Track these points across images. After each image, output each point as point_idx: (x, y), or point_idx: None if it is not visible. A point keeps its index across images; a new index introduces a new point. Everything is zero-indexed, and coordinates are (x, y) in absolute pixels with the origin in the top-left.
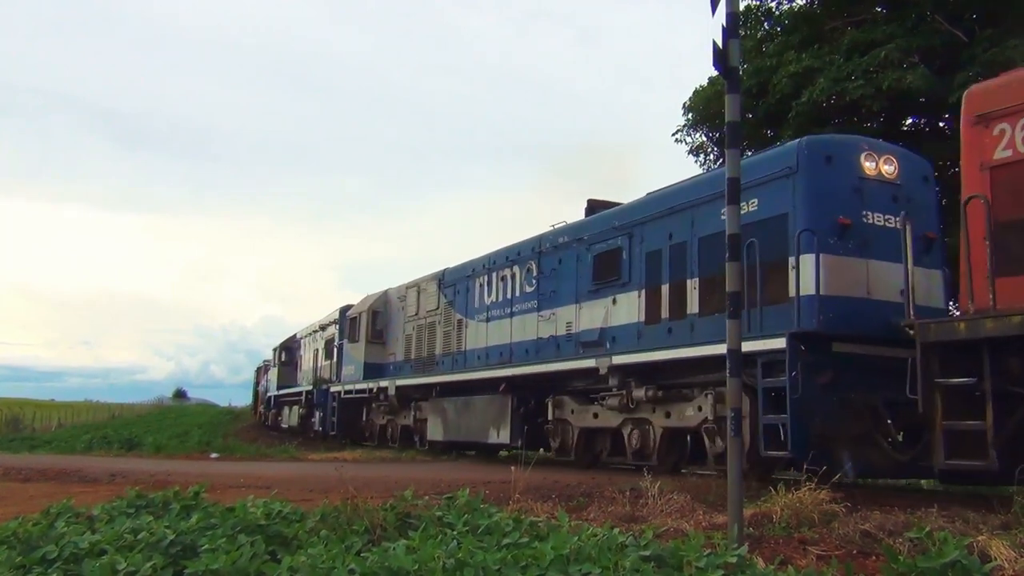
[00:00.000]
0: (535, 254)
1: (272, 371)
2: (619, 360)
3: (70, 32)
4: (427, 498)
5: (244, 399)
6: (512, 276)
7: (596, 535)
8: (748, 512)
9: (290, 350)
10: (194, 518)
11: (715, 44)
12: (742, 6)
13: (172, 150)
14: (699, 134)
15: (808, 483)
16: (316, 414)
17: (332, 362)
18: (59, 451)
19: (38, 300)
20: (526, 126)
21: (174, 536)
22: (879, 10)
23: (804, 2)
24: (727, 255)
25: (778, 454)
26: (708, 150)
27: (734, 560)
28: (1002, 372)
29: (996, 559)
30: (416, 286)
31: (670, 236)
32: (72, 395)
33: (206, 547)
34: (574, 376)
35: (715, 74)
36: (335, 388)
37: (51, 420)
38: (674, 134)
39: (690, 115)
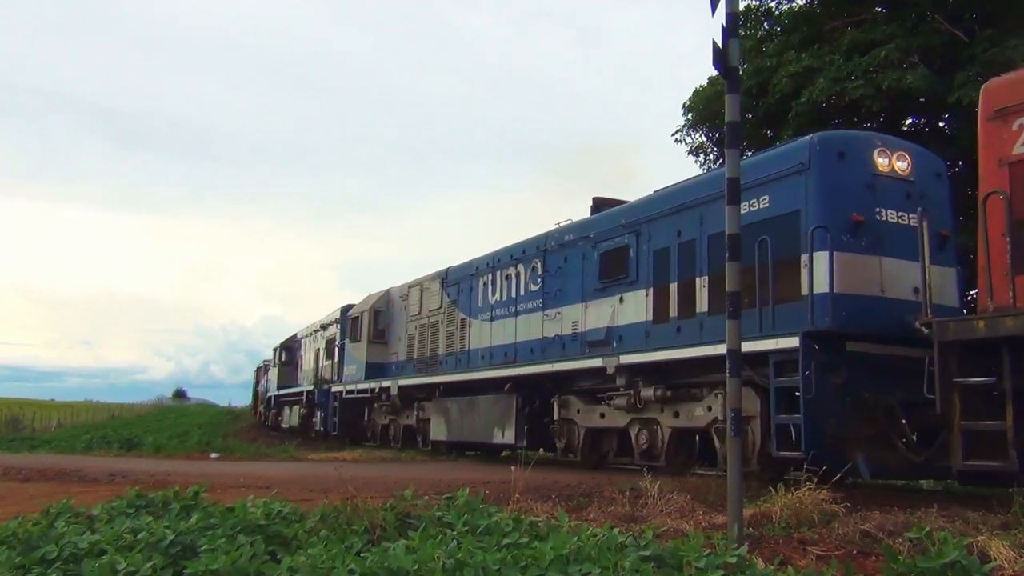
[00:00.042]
0: (540, 252)
1: (272, 371)
2: (627, 359)
3: (70, 32)
4: (427, 498)
5: (244, 399)
6: (517, 275)
7: (596, 535)
8: (748, 512)
9: (290, 350)
10: (194, 518)
11: (715, 44)
12: (742, 6)
13: (172, 150)
14: (699, 134)
15: (808, 483)
16: (317, 414)
17: (333, 362)
18: (59, 451)
19: (38, 300)
20: (526, 126)
21: (174, 536)
22: (879, 10)
23: (804, 2)
24: (727, 255)
25: (791, 455)
26: (708, 150)
27: (734, 560)
28: (1022, 371)
29: (996, 559)
30: (419, 285)
31: (679, 234)
32: (72, 395)
33: (206, 547)
34: (580, 376)
35: (715, 74)
36: (337, 388)
37: (51, 420)
38: (674, 134)
39: (690, 115)
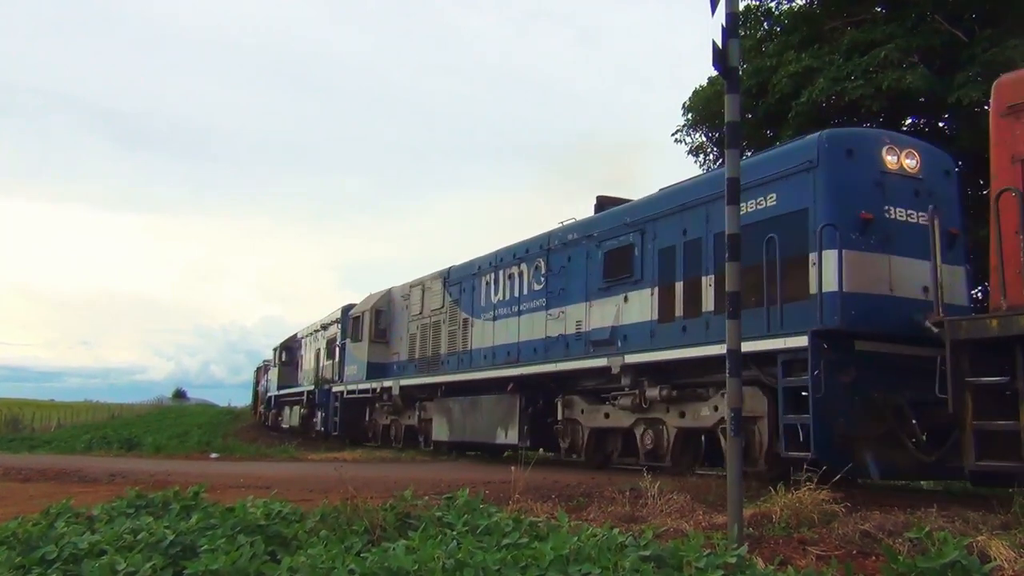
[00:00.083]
0: (543, 251)
1: (272, 371)
2: (632, 359)
3: (70, 32)
4: (427, 498)
5: (244, 399)
6: (520, 274)
7: (596, 535)
8: (748, 512)
9: (291, 350)
10: (194, 518)
11: (715, 44)
12: (742, 6)
13: (172, 150)
14: (699, 134)
15: (808, 483)
16: (318, 414)
17: (334, 362)
18: (59, 451)
19: (38, 300)
20: (526, 126)
21: (174, 536)
22: (879, 10)
23: (804, 2)
24: (727, 255)
25: (800, 455)
26: (708, 150)
27: (734, 560)
28: None
29: (996, 559)
30: (420, 285)
31: (684, 232)
32: (72, 395)
33: (206, 547)
34: (585, 375)
35: (715, 74)
36: (338, 388)
37: (51, 420)
38: (674, 134)
39: (690, 115)
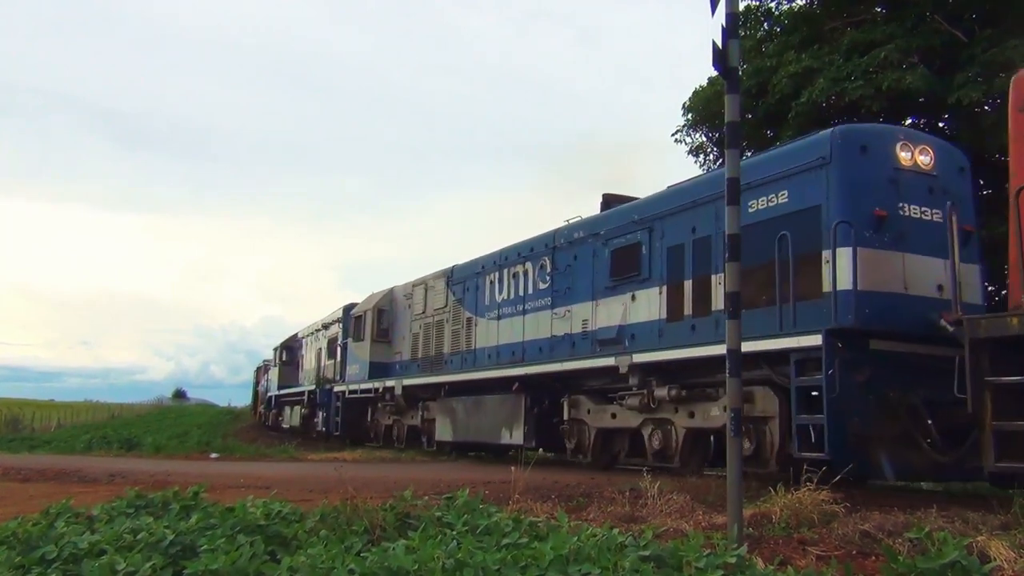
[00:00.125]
0: (549, 250)
1: (272, 371)
2: (640, 358)
3: (70, 32)
4: (427, 498)
5: (244, 399)
6: (524, 273)
7: (595, 535)
8: (748, 512)
9: (291, 349)
10: (193, 518)
11: (715, 44)
12: (742, 6)
13: (172, 150)
14: (699, 134)
15: (808, 483)
16: (319, 414)
17: (335, 361)
18: (58, 451)
19: (38, 300)
20: (526, 126)
21: (174, 536)
22: (879, 10)
23: (804, 2)
24: (727, 255)
25: (813, 456)
26: (708, 150)
27: (733, 560)
28: None
29: (995, 559)
30: (423, 284)
31: (693, 230)
32: (71, 395)
33: (205, 547)
34: (591, 375)
35: (715, 74)
36: (339, 388)
37: (50, 420)
38: (674, 134)
39: (690, 115)
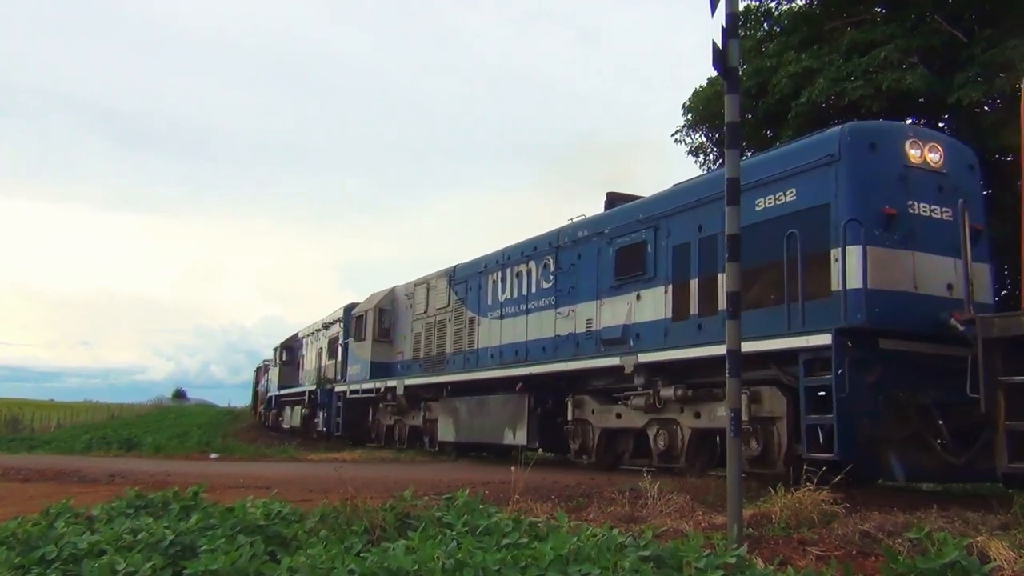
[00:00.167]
0: (552, 249)
1: (273, 371)
2: (646, 358)
3: (70, 32)
4: (426, 498)
5: (243, 399)
6: (528, 272)
7: (595, 535)
8: (747, 513)
9: (291, 349)
10: (193, 518)
11: (715, 44)
12: (741, 6)
13: (172, 150)
14: (699, 134)
15: (808, 483)
16: (320, 414)
17: (336, 361)
18: (58, 451)
19: (38, 300)
20: (526, 126)
21: (173, 536)
22: (879, 10)
23: (804, 2)
24: (727, 255)
25: (822, 456)
26: (708, 150)
27: (733, 560)
28: None
29: (995, 560)
30: (425, 283)
31: (699, 228)
32: (71, 395)
33: (205, 547)
34: (596, 375)
35: (715, 74)
36: (340, 388)
37: (50, 420)
38: (674, 134)
39: (690, 115)
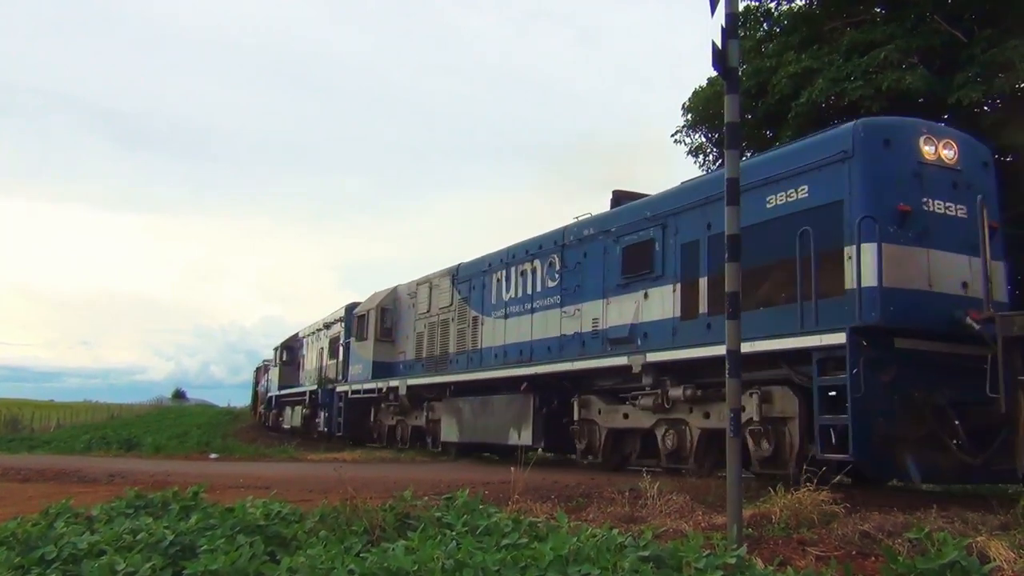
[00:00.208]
0: (558, 247)
1: (273, 371)
2: (655, 358)
3: (70, 32)
4: (426, 499)
5: (243, 400)
6: (533, 271)
7: (595, 536)
8: (747, 513)
9: (292, 349)
10: (193, 519)
11: (714, 45)
12: (741, 7)
13: (172, 150)
14: (698, 135)
15: (808, 484)
16: (321, 414)
17: (338, 361)
18: (58, 451)
19: (38, 300)
20: (526, 126)
21: (173, 536)
22: (878, 11)
23: (803, 2)
24: (727, 256)
25: (837, 457)
26: (707, 151)
27: (733, 561)
28: None
29: (995, 560)
30: (428, 282)
31: (708, 226)
32: (71, 395)
33: (205, 548)
34: (602, 375)
35: (714, 74)
36: (342, 388)
37: (50, 420)
38: (673, 135)
39: (689, 116)
